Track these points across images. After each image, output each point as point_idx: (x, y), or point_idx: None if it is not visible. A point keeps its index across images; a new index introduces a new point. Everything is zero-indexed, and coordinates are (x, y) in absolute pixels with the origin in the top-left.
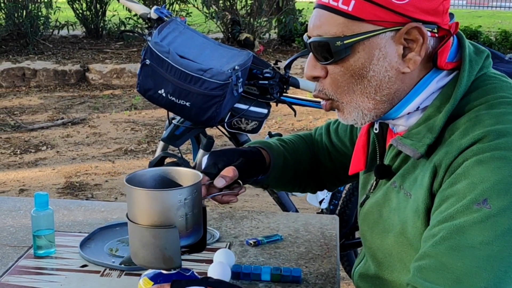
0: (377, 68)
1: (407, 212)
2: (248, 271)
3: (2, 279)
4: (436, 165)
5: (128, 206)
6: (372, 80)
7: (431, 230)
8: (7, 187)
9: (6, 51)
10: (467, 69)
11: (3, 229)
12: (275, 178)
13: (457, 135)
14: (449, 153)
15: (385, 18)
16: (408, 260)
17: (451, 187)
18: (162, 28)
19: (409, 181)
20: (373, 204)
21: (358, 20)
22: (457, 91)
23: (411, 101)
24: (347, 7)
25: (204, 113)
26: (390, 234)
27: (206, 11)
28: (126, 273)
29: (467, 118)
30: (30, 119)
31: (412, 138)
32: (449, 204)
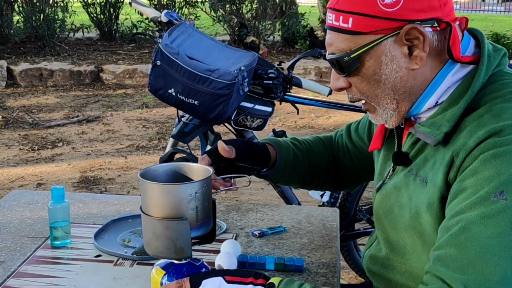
0: (388, 71)
1: (422, 199)
2: (253, 261)
3: (20, 268)
4: (453, 155)
5: (141, 199)
6: (387, 82)
7: (449, 221)
8: (25, 181)
9: (25, 53)
10: (486, 64)
11: (22, 221)
12: (284, 173)
13: (473, 127)
14: (467, 145)
15: (383, 27)
16: (420, 245)
17: (468, 179)
18: (172, 31)
19: (425, 169)
20: (390, 189)
21: (359, 34)
22: (475, 84)
23: (430, 96)
24: (347, 25)
25: (212, 111)
26: (404, 219)
27: (214, 15)
28: (138, 262)
29: (484, 110)
30: (47, 117)
31: (430, 126)
32: (466, 195)
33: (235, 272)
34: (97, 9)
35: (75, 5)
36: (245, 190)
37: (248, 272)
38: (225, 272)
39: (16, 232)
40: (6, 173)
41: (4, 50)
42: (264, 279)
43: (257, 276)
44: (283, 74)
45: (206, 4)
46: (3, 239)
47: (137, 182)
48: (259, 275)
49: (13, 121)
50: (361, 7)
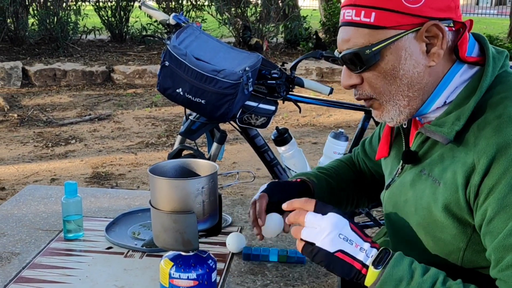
0: (406, 66)
1: (435, 199)
2: (257, 253)
3: (35, 260)
4: (474, 161)
5: (151, 194)
6: (403, 78)
7: (504, 241)
8: (39, 176)
9: (39, 54)
10: (491, 65)
11: (36, 214)
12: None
13: (490, 132)
14: (486, 155)
15: (405, 22)
16: (431, 242)
17: (505, 198)
18: (180, 33)
19: (438, 170)
20: (399, 187)
21: (381, 28)
22: (482, 84)
23: (440, 95)
24: (369, 19)
25: (218, 109)
26: (415, 217)
27: (220, 18)
28: (147, 254)
29: (498, 112)
30: (60, 115)
31: (441, 125)
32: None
33: (360, 227)
34: (108, 12)
35: (87, 9)
36: (250, 185)
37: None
38: (352, 221)
39: (31, 225)
40: (22, 169)
41: (20, 51)
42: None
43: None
44: (286, 74)
45: (212, 7)
46: (19, 232)
47: (147, 178)
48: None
49: (28, 119)
50: (384, 2)
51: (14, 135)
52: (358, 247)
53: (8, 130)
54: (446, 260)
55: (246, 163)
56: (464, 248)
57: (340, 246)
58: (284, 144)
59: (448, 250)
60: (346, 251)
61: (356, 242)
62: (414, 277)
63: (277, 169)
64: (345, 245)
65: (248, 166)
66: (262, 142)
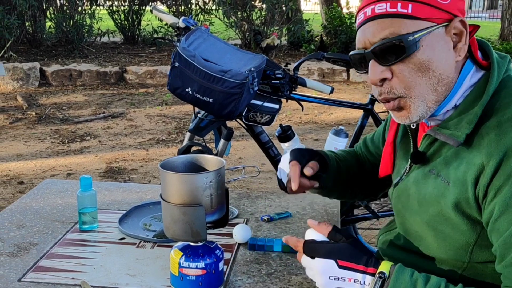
0: (439, 58)
1: (445, 198)
2: (262, 243)
3: (52, 250)
4: (483, 163)
5: (161, 188)
6: (436, 70)
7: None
8: (56, 171)
9: (56, 55)
10: (496, 69)
11: (53, 207)
12: (331, 179)
13: (498, 135)
14: (494, 157)
15: (437, 15)
16: (441, 239)
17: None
18: (189, 36)
19: (447, 170)
20: (408, 185)
21: (417, 19)
22: (489, 88)
23: (453, 97)
24: (406, 10)
25: (225, 108)
26: (424, 214)
27: (227, 21)
28: (158, 245)
29: (503, 117)
30: (76, 113)
31: (451, 128)
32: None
33: (348, 256)
34: (121, 16)
35: (101, 12)
36: (255, 179)
37: (360, 257)
38: (339, 255)
39: (48, 217)
40: (39, 164)
41: (37, 53)
42: (374, 267)
43: (368, 263)
44: (289, 75)
45: (219, 11)
46: (37, 224)
47: (158, 172)
48: (371, 261)
49: (45, 117)
50: None
51: (32, 132)
52: (351, 281)
53: (27, 127)
54: (454, 255)
55: (251, 159)
56: (473, 243)
57: (335, 285)
58: (287, 140)
59: (457, 246)
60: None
61: (348, 276)
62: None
63: None
64: (338, 283)
65: (254, 161)
66: (266, 139)
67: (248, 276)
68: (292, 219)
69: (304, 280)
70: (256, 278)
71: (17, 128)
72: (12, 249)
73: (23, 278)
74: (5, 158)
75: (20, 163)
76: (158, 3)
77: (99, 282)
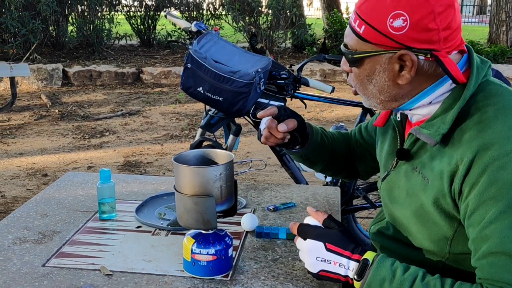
0: (378, 78)
1: (425, 194)
2: (268, 231)
3: (74, 237)
4: (457, 163)
5: (175, 180)
6: (376, 85)
7: (484, 231)
8: (77, 164)
9: (77, 57)
10: (475, 76)
11: (75, 198)
12: (312, 153)
13: (472, 136)
14: (467, 156)
15: (385, 43)
16: (425, 230)
17: (483, 193)
18: (201, 39)
19: (427, 168)
20: (394, 180)
21: (366, 41)
22: (466, 92)
23: (424, 97)
24: (360, 29)
25: (234, 106)
26: (409, 209)
27: (235, 25)
28: (172, 232)
29: (478, 119)
30: (96, 111)
31: (429, 128)
32: (489, 206)
33: (337, 241)
34: (138, 21)
35: (119, 17)
36: (261, 172)
37: (348, 244)
38: (328, 239)
39: (70, 207)
40: (62, 157)
41: (60, 55)
42: (359, 255)
43: (354, 250)
44: (293, 75)
45: (229, 16)
46: (59, 213)
47: (172, 166)
48: (357, 249)
49: (67, 114)
50: (374, 21)
51: (56, 128)
52: (337, 264)
53: (50, 124)
54: (436, 246)
55: (258, 153)
56: (451, 238)
57: (321, 267)
58: None
59: (437, 238)
60: (327, 270)
61: (334, 260)
62: (395, 276)
63: (286, 158)
64: (324, 265)
65: (260, 155)
66: None
67: (255, 262)
68: (296, 208)
69: None
70: (262, 263)
71: (41, 125)
72: (36, 236)
73: (46, 263)
74: (30, 152)
75: (44, 157)
76: (172, 9)
77: (117, 267)
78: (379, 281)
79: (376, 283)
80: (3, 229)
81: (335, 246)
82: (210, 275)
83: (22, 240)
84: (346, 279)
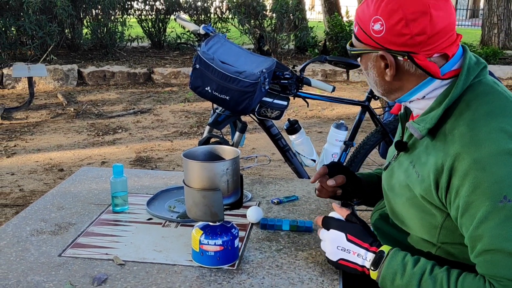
0: (371, 73)
1: (416, 188)
2: (272, 223)
3: (88, 229)
4: (443, 163)
5: (184, 174)
6: (372, 79)
7: (476, 231)
8: (92, 160)
9: (92, 58)
10: (464, 75)
11: (89, 191)
12: (369, 198)
13: (457, 135)
14: (451, 155)
15: (370, 44)
16: (417, 217)
17: (470, 195)
18: (208, 41)
19: (419, 164)
20: (394, 170)
21: (359, 40)
22: (454, 92)
23: (418, 92)
24: (355, 30)
25: (240, 104)
26: (403, 198)
27: (241, 28)
28: (181, 224)
29: (461, 121)
30: (109, 109)
31: (419, 123)
32: (476, 207)
33: (357, 233)
34: (149, 24)
35: (131, 21)
36: (266, 167)
37: (367, 237)
38: (350, 230)
39: (85, 200)
40: (77, 153)
41: (76, 56)
42: (377, 248)
43: (373, 243)
44: (296, 75)
45: (235, 20)
46: (75, 206)
47: (181, 161)
48: (375, 243)
49: (82, 112)
50: (362, 24)
51: (71, 126)
52: (355, 254)
53: (66, 121)
54: (427, 234)
55: (263, 149)
56: (440, 226)
57: (340, 256)
58: (294, 133)
59: (428, 226)
60: (346, 259)
61: (353, 250)
62: (406, 270)
63: (289, 154)
64: (344, 254)
65: (265, 151)
66: (276, 131)
67: (260, 252)
68: (299, 201)
69: (309, 256)
70: (267, 253)
71: (58, 122)
72: (53, 228)
73: (62, 253)
74: (47, 148)
75: (60, 152)
76: (181, 12)
77: (129, 257)
78: (392, 275)
79: (389, 277)
80: (21, 221)
81: (355, 238)
82: (217, 265)
83: (39, 231)
84: (362, 269)
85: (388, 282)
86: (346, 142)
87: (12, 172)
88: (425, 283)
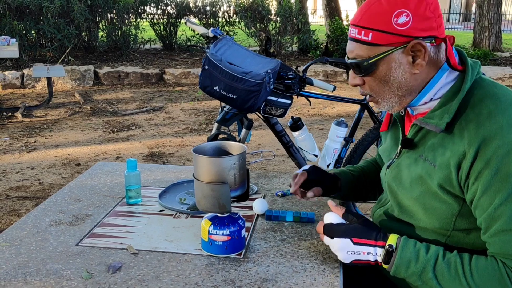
0: (395, 74)
1: (431, 178)
2: (277, 214)
3: (104, 220)
4: (465, 150)
5: (194, 168)
6: (394, 82)
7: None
8: (107, 155)
9: (107, 59)
10: (471, 71)
11: (105, 185)
12: (344, 193)
13: (474, 126)
14: (473, 145)
15: (395, 41)
16: (425, 210)
17: (491, 180)
18: (217, 43)
19: (434, 156)
20: (400, 166)
21: (377, 45)
22: (465, 86)
23: (427, 93)
24: (367, 38)
25: (246, 103)
26: (415, 193)
27: (247, 31)
28: (191, 216)
29: (478, 111)
30: (123, 107)
31: (434, 118)
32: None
33: (360, 233)
34: (161, 27)
35: (144, 24)
36: (271, 162)
37: (370, 234)
38: (353, 234)
39: (100, 193)
40: (93, 149)
41: (92, 57)
42: (383, 241)
43: (377, 237)
44: (299, 75)
45: (242, 23)
46: (91, 198)
47: (191, 156)
48: (379, 235)
49: (98, 110)
50: (379, 25)
51: (88, 123)
52: (365, 253)
53: (83, 119)
54: (439, 224)
55: (268, 145)
56: (457, 214)
57: (352, 258)
58: (297, 130)
59: (443, 216)
60: (358, 259)
61: (362, 250)
62: (419, 257)
63: (292, 149)
64: (355, 256)
65: (270, 147)
66: (280, 128)
67: (265, 242)
68: None
69: (311, 245)
70: (271, 243)
71: (75, 120)
72: (70, 219)
73: (79, 243)
74: (65, 144)
75: (77, 148)
76: (191, 16)
77: (142, 246)
78: (406, 263)
79: (403, 265)
80: (41, 212)
81: (360, 239)
82: (225, 254)
83: (57, 222)
84: (376, 263)
85: (402, 270)
86: (346, 138)
87: (32, 166)
88: (439, 267)
